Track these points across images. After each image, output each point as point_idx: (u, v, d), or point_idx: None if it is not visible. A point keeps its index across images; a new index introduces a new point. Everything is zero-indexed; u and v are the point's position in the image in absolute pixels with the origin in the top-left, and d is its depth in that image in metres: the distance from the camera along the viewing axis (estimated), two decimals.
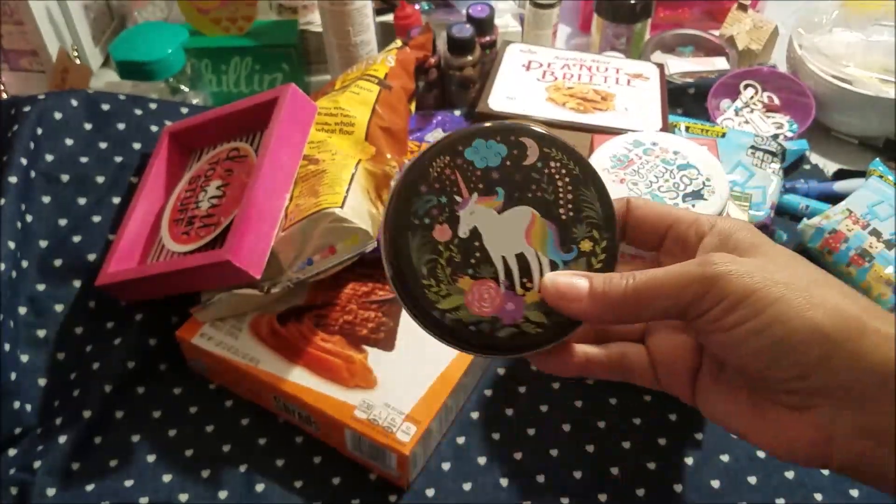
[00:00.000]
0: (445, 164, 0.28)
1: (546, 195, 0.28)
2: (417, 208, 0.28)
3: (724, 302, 0.24)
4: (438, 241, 0.28)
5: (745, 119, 0.75)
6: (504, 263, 0.28)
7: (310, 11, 0.83)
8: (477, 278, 0.28)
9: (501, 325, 0.28)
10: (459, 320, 0.28)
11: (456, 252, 0.28)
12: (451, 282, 0.28)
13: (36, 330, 0.57)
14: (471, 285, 0.28)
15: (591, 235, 0.28)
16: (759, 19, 0.82)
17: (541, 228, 0.28)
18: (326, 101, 0.62)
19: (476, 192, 0.28)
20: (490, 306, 0.28)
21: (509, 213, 0.28)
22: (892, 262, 0.60)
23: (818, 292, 0.24)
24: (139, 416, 0.55)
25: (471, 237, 0.28)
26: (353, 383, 0.52)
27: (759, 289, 0.24)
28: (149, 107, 0.67)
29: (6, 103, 0.63)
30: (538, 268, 0.28)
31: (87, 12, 0.82)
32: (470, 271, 0.28)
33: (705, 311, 0.25)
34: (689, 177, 0.51)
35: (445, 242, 0.28)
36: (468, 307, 0.28)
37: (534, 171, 0.28)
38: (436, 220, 0.28)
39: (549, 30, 0.80)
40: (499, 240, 0.28)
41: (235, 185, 0.56)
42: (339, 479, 0.52)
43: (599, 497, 0.51)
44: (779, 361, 0.24)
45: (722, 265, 0.25)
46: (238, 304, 0.55)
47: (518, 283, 0.28)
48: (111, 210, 0.62)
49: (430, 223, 0.28)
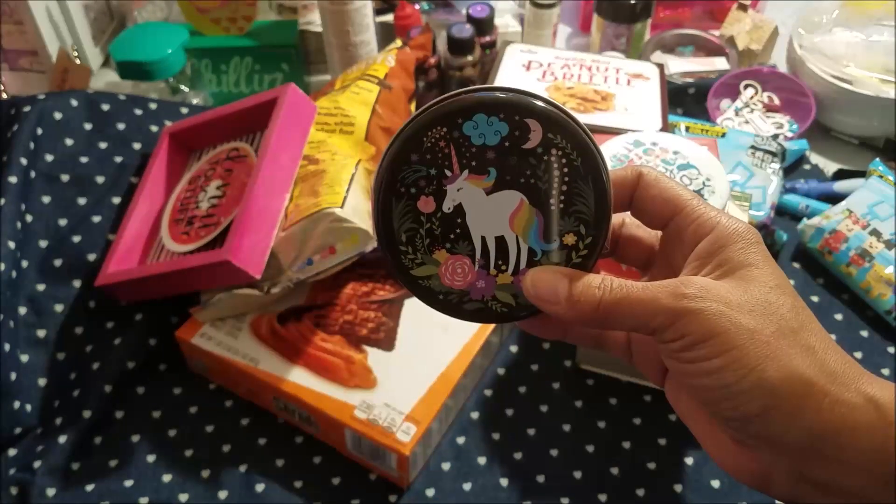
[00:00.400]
0: (441, 136, 0.27)
1: (539, 183, 0.27)
2: (406, 176, 0.27)
3: (685, 338, 0.25)
4: (421, 212, 0.28)
5: (745, 119, 0.75)
6: (482, 243, 0.28)
7: (310, 11, 0.83)
8: (454, 253, 0.28)
9: (469, 298, 0.28)
10: (430, 287, 0.28)
11: (437, 225, 0.28)
12: (427, 252, 0.28)
13: (36, 330, 0.57)
14: (446, 258, 0.28)
15: (577, 230, 0.28)
16: (760, 19, 0.82)
17: (526, 215, 0.27)
18: (326, 101, 0.62)
19: (467, 170, 0.27)
20: (461, 281, 0.28)
21: (497, 196, 0.27)
22: (892, 261, 0.60)
23: (778, 345, 0.24)
24: (139, 416, 0.55)
25: (454, 213, 0.27)
26: (353, 383, 0.52)
27: (721, 333, 0.24)
28: (149, 107, 0.67)
29: (6, 103, 0.63)
30: (516, 253, 0.28)
31: (86, 12, 0.82)
32: (448, 245, 0.28)
33: (669, 341, 0.26)
34: (689, 177, 0.50)
35: (428, 214, 0.28)
36: (440, 278, 0.28)
37: (531, 157, 0.27)
38: (422, 190, 0.27)
39: (549, 30, 0.80)
40: (481, 220, 0.28)
41: (235, 185, 0.56)
42: (339, 479, 0.52)
43: (599, 497, 0.51)
44: (725, 402, 0.25)
45: (693, 301, 0.25)
46: (238, 304, 0.55)
47: (493, 264, 0.28)
48: (111, 210, 0.62)
49: (415, 193, 0.27)
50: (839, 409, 0.24)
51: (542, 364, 0.58)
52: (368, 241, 0.52)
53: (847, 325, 0.61)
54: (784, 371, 0.24)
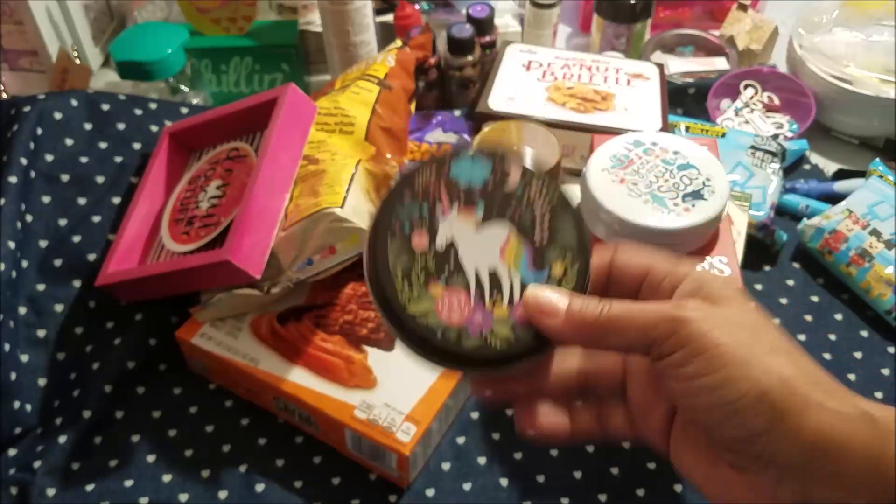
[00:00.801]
0: (432, 176, 0.29)
1: (524, 217, 0.29)
2: (400, 214, 0.29)
3: (686, 348, 0.25)
4: (416, 249, 0.29)
5: (745, 119, 0.75)
6: (476, 277, 0.29)
7: (310, 11, 0.83)
8: (449, 287, 0.29)
9: (468, 334, 0.28)
10: (427, 325, 0.28)
11: (431, 260, 0.29)
12: (423, 287, 0.28)
13: (36, 330, 0.57)
14: (442, 293, 0.28)
15: (563, 259, 0.29)
16: (760, 19, 0.82)
17: (515, 247, 0.29)
18: (326, 101, 0.62)
19: (456, 207, 0.29)
20: (459, 315, 0.28)
21: (487, 230, 0.29)
22: (892, 261, 0.60)
23: (774, 361, 0.25)
24: (139, 416, 0.55)
25: (447, 248, 0.29)
26: (353, 383, 0.52)
27: (722, 344, 0.24)
28: (149, 107, 0.67)
29: (6, 103, 0.63)
30: (509, 285, 0.29)
31: (86, 12, 0.82)
32: (443, 280, 0.29)
33: (668, 354, 0.25)
34: (689, 177, 0.51)
35: (422, 250, 0.29)
36: (437, 313, 0.28)
37: (513, 198, 0.29)
38: (415, 227, 0.29)
39: (549, 30, 0.80)
40: (474, 254, 0.29)
41: (235, 185, 0.56)
42: (338, 479, 0.52)
43: (599, 497, 0.51)
44: (728, 421, 0.25)
45: (694, 311, 0.25)
46: (238, 304, 0.55)
47: (488, 297, 0.28)
48: (111, 210, 0.62)
49: (409, 230, 0.29)
50: (837, 421, 0.24)
51: None
52: None
53: (847, 325, 0.61)
54: (782, 387, 0.24)
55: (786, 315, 0.61)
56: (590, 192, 0.50)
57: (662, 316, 0.25)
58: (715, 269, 0.49)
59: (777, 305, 0.62)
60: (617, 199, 0.49)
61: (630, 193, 0.49)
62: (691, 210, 0.48)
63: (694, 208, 0.48)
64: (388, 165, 0.59)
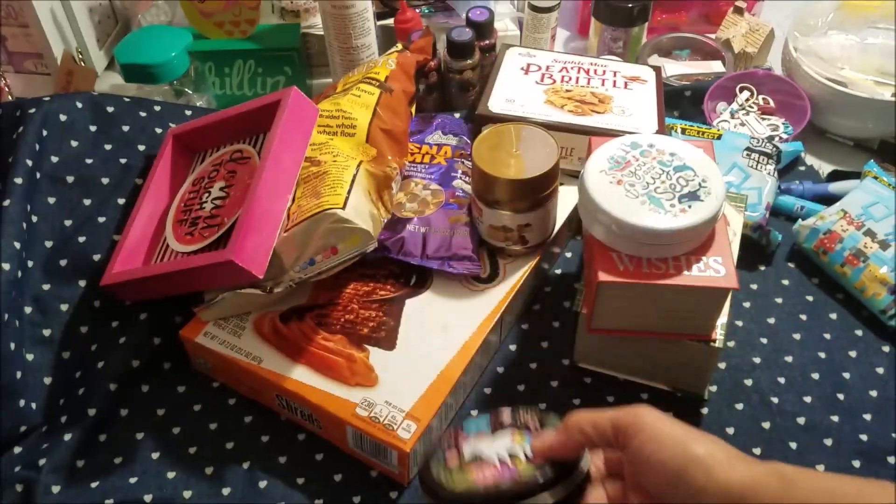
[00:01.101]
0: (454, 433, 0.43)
1: (519, 424, 0.42)
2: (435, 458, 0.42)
3: (642, 434, 0.35)
4: (450, 466, 0.41)
5: (740, 121, 0.76)
6: (498, 456, 0.40)
7: (312, 15, 0.83)
8: (481, 467, 0.40)
9: (503, 481, 0.39)
10: (474, 491, 0.39)
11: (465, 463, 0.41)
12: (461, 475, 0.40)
13: (41, 329, 0.57)
14: (476, 472, 0.40)
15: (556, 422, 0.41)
16: (755, 22, 0.83)
17: (521, 437, 0.41)
18: (328, 104, 0.63)
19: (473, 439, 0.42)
20: (492, 477, 0.39)
21: (498, 437, 0.42)
22: (886, 262, 0.61)
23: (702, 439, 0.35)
24: (143, 414, 0.56)
25: (474, 455, 0.41)
26: (355, 381, 0.52)
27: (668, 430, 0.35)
28: (153, 109, 0.68)
29: (11, 105, 0.64)
30: (522, 452, 0.40)
31: (91, 15, 0.83)
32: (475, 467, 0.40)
33: (631, 439, 0.35)
34: (685, 178, 0.51)
35: (455, 465, 0.41)
36: (475, 483, 0.39)
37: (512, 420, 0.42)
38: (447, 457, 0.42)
39: (547, 33, 0.81)
40: (492, 448, 0.41)
41: (238, 187, 0.57)
42: (340, 476, 0.53)
43: None
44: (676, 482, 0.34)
45: (646, 411, 0.36)
46: (241, 303, 0.55)
47: (509, 462, 0.40)
48: (116, 211, 0.62)
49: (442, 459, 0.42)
50: (751, 475, 0.33)
51: (540, 362, 0.59)
52: (369, 242, 0.53)
53: (842, 325, 0.61)
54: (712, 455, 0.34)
55: (781, 314, 0.62)
56: (587, 194, 0.51)
57: (626, 411, 0.36)
58: (711, 269, 0.49)
59: (772, 305, 0.63)
60: (614, 200, 0.50)
61: (627, 195, 0.50)
62: (688, 211, 0.49)
63: (690, 209, 0.49)
64: (388, 167, 0.60)
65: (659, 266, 0.50)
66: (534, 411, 0.43)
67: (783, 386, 0.57)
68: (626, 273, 0.49)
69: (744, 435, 0.54)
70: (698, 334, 0.52)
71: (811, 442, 0.54)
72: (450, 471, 0.41)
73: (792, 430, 0.55)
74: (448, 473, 0.41)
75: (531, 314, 0.62)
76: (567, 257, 0.67)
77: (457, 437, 0.42)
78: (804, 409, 0.56)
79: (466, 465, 0.40)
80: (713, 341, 0.52)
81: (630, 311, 0.52)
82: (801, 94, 0.75)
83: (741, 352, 0.59)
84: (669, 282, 0.49)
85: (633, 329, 0.53)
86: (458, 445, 0.42)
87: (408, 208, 0.61)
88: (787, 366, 0.59)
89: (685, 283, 0.49)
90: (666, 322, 0.52)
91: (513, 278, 0.59)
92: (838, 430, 0.55)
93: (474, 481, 0.39)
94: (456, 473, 0.40)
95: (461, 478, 0.40)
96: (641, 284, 0.49)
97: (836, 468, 0.53)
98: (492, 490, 0.39)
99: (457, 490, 0.39)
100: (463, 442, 0.42)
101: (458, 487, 0.40)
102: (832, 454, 0.53)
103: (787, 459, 0.53)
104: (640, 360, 0.56)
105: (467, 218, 0.60)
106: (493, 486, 0.39)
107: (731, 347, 0.60)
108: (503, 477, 0.39)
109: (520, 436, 0.41)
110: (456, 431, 0.43)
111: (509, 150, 0.56)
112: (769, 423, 0.55)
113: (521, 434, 0.41)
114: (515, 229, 0.58)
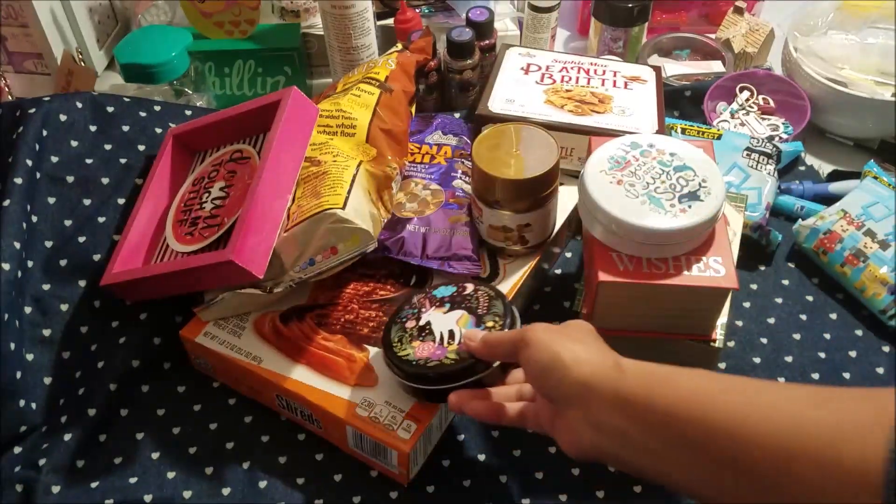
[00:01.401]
0: (422, 296, 0.53)
1: (472, 304, 0.50)
2: (402, 315, 0.52)
3: (528, 345, 0.42)
4: (407, 328, 0.51)
5: (740, 121, 0.76)
6: (440, 334, 0.49)
7: (312, 15, 0.83)
8: (424, 341, 0.49)
9: (431, 360, 0.48)
10: (409, 360, 0.48)
11: (416, 331, 0.50)
12: (409, 343, 0.49)
13: (41, 329, 0.57)
14: (419, 345, 0.49)
15: (494, 320, 0.49)
16: (755, 22, 0.83)
17: (465, 319, 0.49)
18: (328, 104, 0.63)
19: (434, 306, 0.51)
20: (427, 352, 0.48)
21: (450, 313, 0.50)
22: (886, 262, 0.61)
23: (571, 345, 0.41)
24: (143, 414, 0.56)
25: (426, 325, 0.50)
26: (355, 381, 0.52)
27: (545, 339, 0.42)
28: (153, 109, 0.68)
29: (11, 105, 0.64)
30: (459, 335, 0.48)
31: (91, 15, 0.83)
32: (420, 339, 0.49)
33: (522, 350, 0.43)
34: (685, 178, 0.51)
35: (411, 328, 0.50)
36: (415, 353, 0.49)
37: (468, 297, 0.51)
38: (409, 318, 0.51)
39: (547, 33, 0.81)
40: (440, 324, 0.50)
41: (238, 187, 0.57)
42: (340, 476, 0.53)
43: (597, 493, 0.51)
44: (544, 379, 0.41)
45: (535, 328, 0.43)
46: (241, 303, 0.55)
47: (446, 342, 0.48)
48: (116, 211, 0.62)
49: (405, 320, 0.51)
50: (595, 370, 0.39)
51: None
52: (369, 242, 0.53)
53: (842, 325, 0.61)
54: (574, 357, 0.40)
55: (781, 314, 0.62)
56: (587, 194, 0.51)
57: (520, 330, 0.44)
58: (711, 269, 0.49)
59: (772, 305, 0.63)
60: (614, 200, 0.50)
61: (627, 195, 0.50)
62: (688, 211, 0.49)
63: (690, 209, 0.49)
64: (388, 167, 0.60)
65: (659, 266, 0.50)
66: (487, 296, 0.50)
67: None
68: (626, 273, 0.49)
69: None
70: (698, 334, 0.52)
71: None
72: (405, 332, 0.50)
73: None
74: (402, 334, 0.50)
75: (531, 314, 0.62)
76: (567, 257, 0.67)
77: (423, 303, 0.51)
78: None
79: (417, 332, 0.49)
80: (713, 341, 0.52)
81: (630, 311, 0.52)
82: (801, 94, 0.75)
83: (741, 352, 0.59)
84: (669, 282, 0.49)
85: (633, 329, 0.53)
86: (420, 311, 0.51)
87: (408, 208, 0.61)
88: (787, 366, 0.59)
89: (685, 283, 0.49)
90: (666, 322, 0.52)
91: (513, 278, 0.59)
92: None
93: (414, 352, 0.48)
94: (406, 338, 0.49)
95: (408, 344, 0.49)
96: (641, 284, 0.49)
97: None
98: (420, 364, 0.47)
99: (398, 354, 0.49)
100: (424, 310, 0.51)
101: (401, 352, 0.49)
102: None
103: None
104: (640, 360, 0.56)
105: (467, 218, 0.60)
106: (423, 361, 0.48)
107: (731, 347, 0.60)
108: (433, 356, 0.48)
109: (465, 318, 0.49)
110: (426, 296, 0.52)
111: (509, 150, 0.56)
112: None
113: (467, 318, 0.49)
114: (515, 229, 0.58)
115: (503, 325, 0.48)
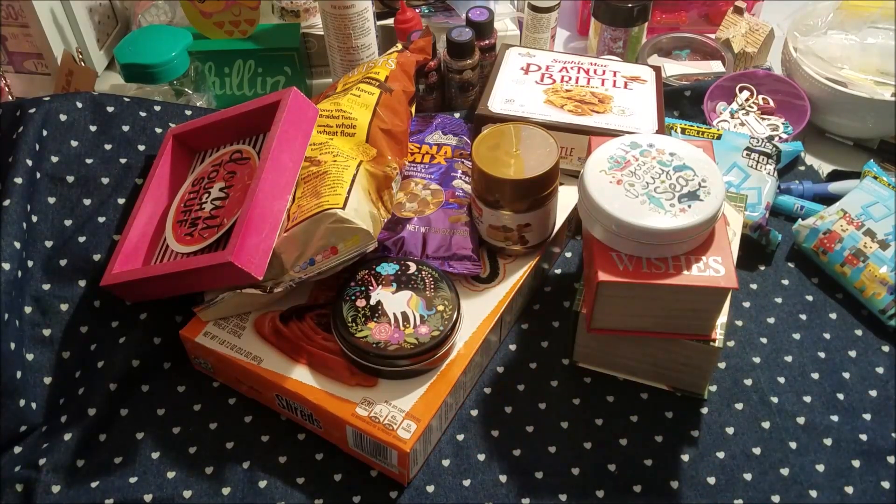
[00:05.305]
0: (368, 273, 0.56)
1: (418, 285, 0.54)
2: (349, 292, 0.54)
3: None
4: (358, 307, 0.53)
5: (740, 121, 0.76)
6: (395, 316, 0.52)
7: (312, 15, 0.83)
8: (379, 323, 0.52)
9: (390, 344, 0.51)
10: (367, 342, 0.51)
11: (368, 311, 0.53)
12: (364, 324, 0.52)
13: (41, 329, 0.57)
14: (375, 326, 0.52)
15: (443, 304, 0.53)
16: (755, 22, 0.83)
17: (415, 300, 0.53)
18: (328, 104, 0.63)
19: (381, 284, 0.54)
20: (385, 335, 0.51)
21: (399, 293, 0.54)
22: (885, 261, 0.61)
23: None
24: (143, 413, 0.56)
25: (376, 304, 0.53)
26: (355, 381, 0.52)
27: None
28: (153, 109, 0.68)
29: (11, 105, 0.64)
30: (413, 318, 0.52)
31: (91, 15, 0.83)
32: (375, 320, 0.52)
33: None
34: (685, 178, 0.51)
35: (362, 307, 0.53)
36: (373, 335, 0.51)
37: (413, 277, 0.54)
38: (358, 297, 0.54)
39: (547, 33, 0.81)
40: (392, 305, 0.53)
41: (238, 187, 0.57)
42: (340, 476, 0.53)
43: (597, 493, 0.52)
44: None
45: None
46: (241, 303, 0.55)
47: (402, 325, 0.52)
48: (116, 211, 0.62)
49: (354, 298, 0.54)
50: None
51: (540, 362, 0.59)
52: (369, 242, 0.53)
53: (841, 324, 0.62)
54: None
55: (781, 314, 0.62)
56: (587, 194, 0.51)
57: None
58: (710, 269, 0.50)
59: (772, 304, 0.63)
60: (614, 200, 0.50)
61: (627, 194, 0.50)
62: (687, 211, 0.49)
63: (690, 209, 0.49)
64: (388, 167, 0.60)
65: (659, 266, 0.50)
66: (432, 277, 0.54)
67: (783, 386, 0.57)
68: (626, 273, 0.50)
69: (743, 434, 0.54)
70: (698, 334, 0.52)
71: (811, 441, 0.54)
72: (357, 311, 0.53)
73: (791, 429, 0.55)
74: (355, 314, 0.52)
75: (531, 314, 0.62)
76: (567, 257, 0.67)
77: (368, 279, 0.54)
78: (804, 408, 0.56)
79: (370, 312, 0.52)
80: (713, 341, 0.52)
81: (630, 311, 0.52)
82: (801, 94, 0.75)
83: (741, 352, 0.59)
84: (669, 282, 0.49)
85: (632, 329, 0.53)
86: (368, 289, 0.54)
87: (408, 208, 0.61)
88: (787, 365, 0.59)
89: (685, 283, 0.49)
90: (666, 322, 0.52)
91: (513, 278, 0.59)
92: (838, 430, 0.55)
93: (372, 333, 0.51)
94: (360, 318, 0.52)
95: (363, 325, 0.52)
96: (641, 284, 0.49)
97: (836, 468, 0.53)
98: (381, 346, 0.51)
99: (357, 335, 0.51)
100: (372, 288, 0.54)
101: (359, 333, 0.51)
102: (832, 454, 0.53)
103: (787, 459, 0.53)
104: (639, 360, 0.56)
105: (467, 218, 0.60)
106: (384, 345, 0.51)
107: (731, 347, 0.60)
108: (392, 339, 0.51)
109: (415, 300, 0.52)
110: (369, 272, 0.55)
111: (509, 150, 0.56)
112: (769, 423, 0.55)
113: (417, 300, 0.52)
114: (515, 229, 0.58)
115: (452, 308, 0.53)
